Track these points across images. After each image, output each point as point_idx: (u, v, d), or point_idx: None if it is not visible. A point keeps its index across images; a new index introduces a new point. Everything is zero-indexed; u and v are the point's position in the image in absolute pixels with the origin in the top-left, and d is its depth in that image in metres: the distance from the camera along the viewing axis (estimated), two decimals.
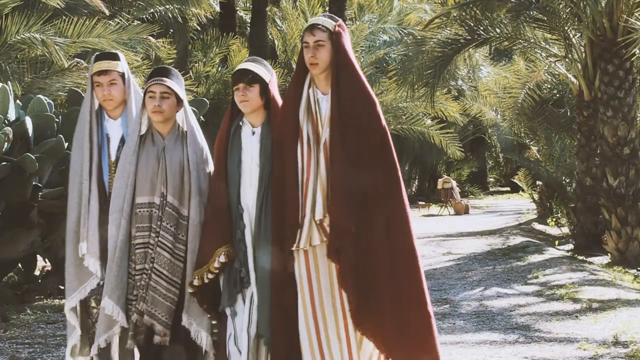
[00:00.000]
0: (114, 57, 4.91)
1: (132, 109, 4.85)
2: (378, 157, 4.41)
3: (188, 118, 4.75)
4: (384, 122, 4.49)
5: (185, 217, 4.65)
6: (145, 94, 4.74)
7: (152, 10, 16.26)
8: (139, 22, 13.91)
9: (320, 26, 4.49)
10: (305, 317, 4.39)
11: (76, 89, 10.23)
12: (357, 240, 4.30)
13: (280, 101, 4.65)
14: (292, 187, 4.43)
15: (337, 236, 4.30)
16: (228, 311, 4.56)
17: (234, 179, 4.63)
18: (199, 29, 20.64)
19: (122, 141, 4.83)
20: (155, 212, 4.66)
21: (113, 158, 4.83)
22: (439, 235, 15.86)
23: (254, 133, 4.64)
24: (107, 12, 12.97)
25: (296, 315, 4.42)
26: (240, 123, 4.67)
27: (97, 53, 5.02)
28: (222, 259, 4.56)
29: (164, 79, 4.72)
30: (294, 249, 4.40)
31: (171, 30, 18.19)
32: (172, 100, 4.70)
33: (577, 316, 7.58)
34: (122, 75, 4.87)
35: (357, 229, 4.29)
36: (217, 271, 4.57)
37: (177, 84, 4.75)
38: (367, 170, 4.37)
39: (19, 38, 11.18)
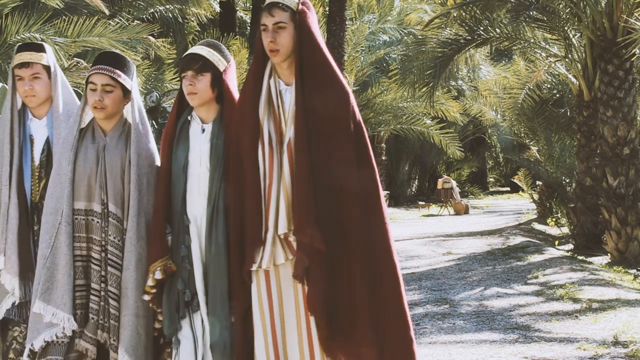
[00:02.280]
0: (39, 48, 4.29)
1: (59, 107, 4.24)
2: (353, 159, 3.76)
3: (134, 113, 4.06)
4: (358, 116, 3.82)
5: (126, 230, 4.01)
6: (86, 85, 4.08)
7: (152, 10, 16.27)
8: (139, 22, 13.92)
9: (280, 5, 3.79)
10: (265, 346, 3.73)
11: (76, 88, 10.22)
12: (329, 258, 3.64)
13: (236, 94, 4.00)
14: (252, 196, 3.74)
15: (304, 255, 3.64)
16: (173, 339, 3.92)
17: (178, 184, 3.93)
18: (199, 29, 20.64)
19: (48, 143, 4.23)
20: (96, 222, 4.03)
21: (37, 162, 4.23)
22: (439, 235, 15.86)
23: (204, 130, 3.96)
24: (107, 12, 12.97)
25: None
26: (189, 117, 4.00)
27: (19, 44, 4.45)
28: (158, 275, 3.91)
29: (108, 67, 4.05)
30: (254, 269, 3.75)
31: (171, 30, 18.19)
32: (116, 94, 4.04)
33: (577, 316, 7.57)
34: (48, 68, 4.27)
35: (329, 246, 3.62)
36: (152, 290, 3.92)
37: (125, 72, 4.10)
38: (339, 175, 3.72)
39: (19, 38, 11.19)
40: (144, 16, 15.92)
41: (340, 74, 3.82)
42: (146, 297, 3.93)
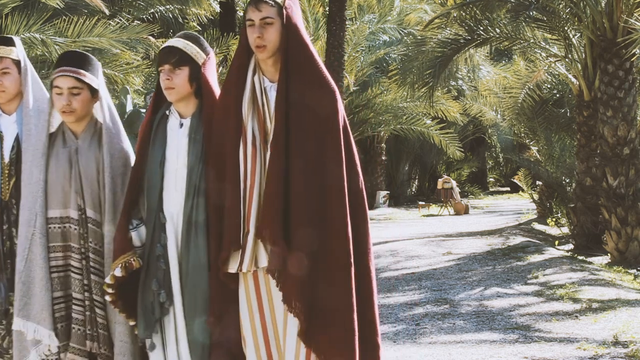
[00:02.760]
0: (8, 41, 4.15)
1: (29, 103, 4.09)
2: (342, 159, 3.60)
3: (104, 112, 3.90)
4: (343, 116, 3.69)
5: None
6: (51, 89, 3.93)
7: (152, 10, 16.27)
8: (139, 22, 13.93)
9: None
10: (256, 346, 3.65)
11: None
12: (308, 261, 3.51)
13: (216, 88, 3.84)
14: (232, 196, 3.61)
15: (272, 259, 3.54)
16: (147, 343, 3.79)
17: (154, 180, 3.79)
18: (199, 29, 20.63)
19: (17, 140, 4.08)
20: (73, 229, 3.87)
21: (7, 159, 4.09)
22: (439, 235, 15.85)
23: (182, 125, 3.83)
24: (107, 12, 12.98)
25: (242, 353, 3.68)
26: (167, 112, 3.86)
27: None
28: (118, 272, 3.71)
29: (72, 69, 3.89)
30: (232, 271, 3.63)
31: (171, 30, 18.19)
32: (84, 96, 3.88)
33: (577, 316, 7.57)
34: (18, 63, 4.14)
35: (312, 245, 3.50)
36: (111, 290, 3.74)
37: (91, 71, 3.92)
38: (330, 175, 3.57)
39: (19, 38, 11.18)
40: (144, 16, 15.93)
41: (327, 72, 3.68)
42: (107, 298, 3.76)
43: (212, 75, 3.83)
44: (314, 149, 3.55)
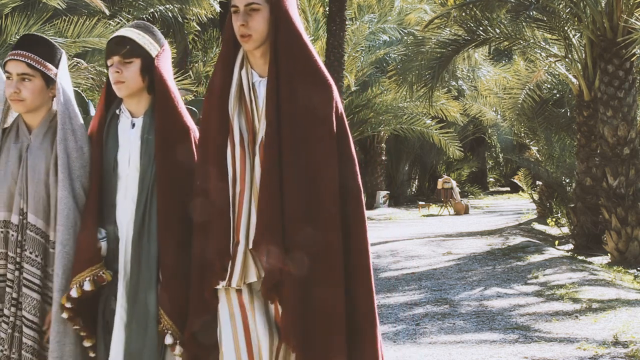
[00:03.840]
0: None
1: None
2: (335, 156, 3.22)
3: (59, 106, 3.44)
4: (341, 109, 3.31)
5: (54, 243, 3.37)
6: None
7: (152, 10, 16.27)
8: None
9: None
10: None
11: (76, 89, 10.23)
12: (305, 275, 3.13)
13: (172, 84, 3.48)
14: (219, 204, 3.22)
15: (269, 275, 3.15)
16: None
17: (108, 187, 3.42)
18: (199, 29, 20.65)
19: None
20: (11, 235, 3.40)
21: None
22: (439, 235, 15.86)
23: (133, 125, 3.45)
24: (107, 12, 12.98)
25: None
26: (117, 111, 3.49)
27: None
28: (87, 286, 3.29)
29: (24, 52, 3.45)
30: (220, 287, 3.21)
31: (171, 30, 18.20)
32: (36, 84, 3.44)
33: (577, 316, 7.57)
34: None
35: (303, 260, 3.12)
36: (69, 305, 3.29)
37: (48, 58, 3.50)
38: (316, 181, 3.18)
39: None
40: (144, 16, 15.93)
41: (322, 65, 3.29)
42: (64, 315, 3.29)
43: (167, 69, 3.46)
44: (307, 151, 3.18)
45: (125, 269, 3.35)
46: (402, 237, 15.28)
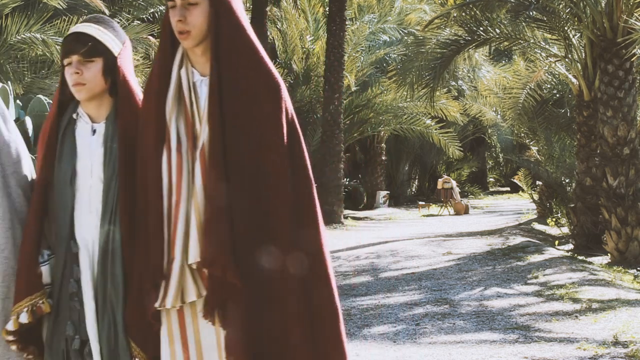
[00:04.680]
0: None
1: None
2: (283, 168, 2.91)
3: None
4: (292, 111, 3.00)
5: None
6: None
7: (152, 10, 16.28)
8: (139, 22, 13.94)
9: None
10: None
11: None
12: (253, 293, 2.84)
13: (135, 84, 3.17)
14: (152, 215, 2.93)
15: (216, 290, 2.85)
16: None
17: (64, 200, 3.04)
18: None
19: None
20: None
21: None
22: (439, 235, 15.86)
23: (94, 132, 3.10)
24: (107, 12, 13.00)
25: None
26: (74, 116, 3.14)
27: None
28: (24, 318, 2.96)
29: None
30: (157, 307, 2.91)
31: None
32: None
33: (577, 316, 7.57)
34: None
35: (252, 278, 2.83)
36: (12, 337, 2.98)
37: None
38: (265, 189, 2.89)
39: (20, 38, 11.21)
40: (144, 16, 15.94)
41: (270, 62, 2.98)
42: (13, 347, 3.00)
43: (130, 68, 3.16)
44: (255, 159, 2.89)
45: (94, 291, 3.00)
46: (402, 237, 15.28)
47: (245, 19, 2.96)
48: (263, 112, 2.91)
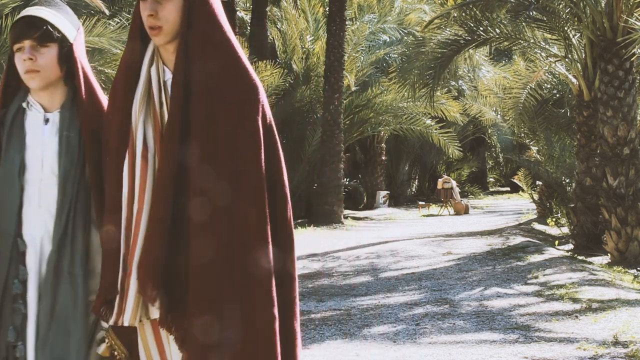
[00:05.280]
0: None
1: None
2: (263, 178, 2.64)
3: None
4: (270, 117, 2.74)
5: None
6: None
7: None
8: None
9: None
10: None
11: None
12: (224, 310, 2.56)
13: (89, 71, 2.96)
14: (111, 224, 2.70)
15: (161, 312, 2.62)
16: None
17: (10, 194, 2.80)
18: None
19: None
20: None
21: None
22: (439, 235, 15.86)
23: (47, 121, 2.87)
24: (107, 12, 12.98)
25: None
26: (24, 104, 2.90)
27: None
28: None
29: None
30: (111, 324, 2.69)
31: None
32: None
33: (577, 316, 7.57)
34: None
35: (224, 293, 2.56)
36: None
37: None
38: (240, 208, 2.60)
39: None
40: None
41: (248, 62, 2.74)
42: None
43: (84, 54, 2.98)
44: (225, 168, 2.60)
45: (39, 293, 2.76)
46: (402, 237, 15.28)
47: (222, 15, 2.73)
48: (238, 117, 2.63)
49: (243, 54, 2.72)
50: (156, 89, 2.71)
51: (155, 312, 2.63)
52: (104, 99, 2.94)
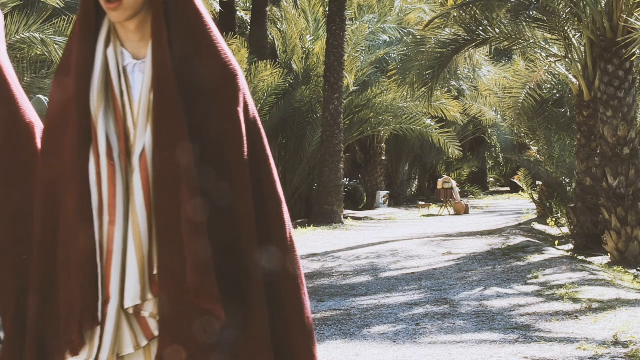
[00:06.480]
0: None
1: None
2: (248, 174, 2.26)
3: None
4: (253, 108, 2.35)
5: None
6: None
7: None
8: None
9: None
10: None
11: None
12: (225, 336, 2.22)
13: (8, 66, 2.54)
14: (79, 242, 2.21)
15: (185, 343, 2.19)
16: None
17: None
18: None
19: None
20: None
21: None
22: (439, 235, 15.86)
23: None
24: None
25: None
26: None
27: None
28: None
29: None
30: None
31: None
32: None
33: (577, 316, 7.57)
34: None
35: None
36: None
37: None
38: (232, 200, 2.25)
39: (19, 37, 11.20)
40: None
41: (226, 45, 2.32)
42: None
43: (3, 49, 2.56)
44: (207, 168, 2.24)
45: None
46: (402, 237, 15.28)
47: None
48: (221, 107, 2.26)
49: (217, 31, 2.32)
50: (115, 75, 2.26)
51: (128, 348, 2.22)
52: (23, 96, 2.53)
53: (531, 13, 13.26)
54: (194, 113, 2.23)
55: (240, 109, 2.29)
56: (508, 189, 36.70)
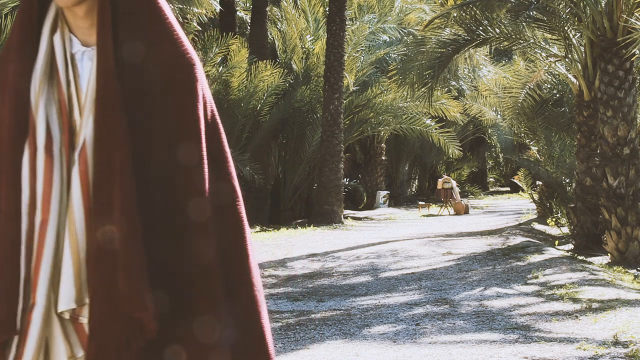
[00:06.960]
0: None
1: None
2: (205, 169, 2.10)
3: None
4: (210, 100, 2.19)
5: None
6: None
7: None
8: None
9: None
10: None
11: None
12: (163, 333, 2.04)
13: None
14: (7, 237, 2.03)
15: (117, 347, 2.01)
16: None
17: None
18: (199, 28, 20.65)
19: None
20: None
21: None
22: (439, 235, 15.86)
23: None
24: None
25: None
26: None
27: None
28: None
29: None
30: None
31: None
32: None
33: (577, 316, 7.57)
34: None
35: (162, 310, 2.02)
36: None
37: None
38: (184, 196, 2.08)
39: None
40: None
41: (182, 32, 2.15)
42: None
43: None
44: (159, 165, 2.07)
45: None
46: (402, 237, 15.28)
47: None
48: (174, 99, 2.09)
49: (174, 19, 2.16)
50: (61, 63, 2.10)
51: (60, 356, 2.05)
52: None
53: (531, 13, 13.26)
54: (142, 104, 2.06)
55: (198, 102, 2.12)
56: (508, 189, 36.71)
